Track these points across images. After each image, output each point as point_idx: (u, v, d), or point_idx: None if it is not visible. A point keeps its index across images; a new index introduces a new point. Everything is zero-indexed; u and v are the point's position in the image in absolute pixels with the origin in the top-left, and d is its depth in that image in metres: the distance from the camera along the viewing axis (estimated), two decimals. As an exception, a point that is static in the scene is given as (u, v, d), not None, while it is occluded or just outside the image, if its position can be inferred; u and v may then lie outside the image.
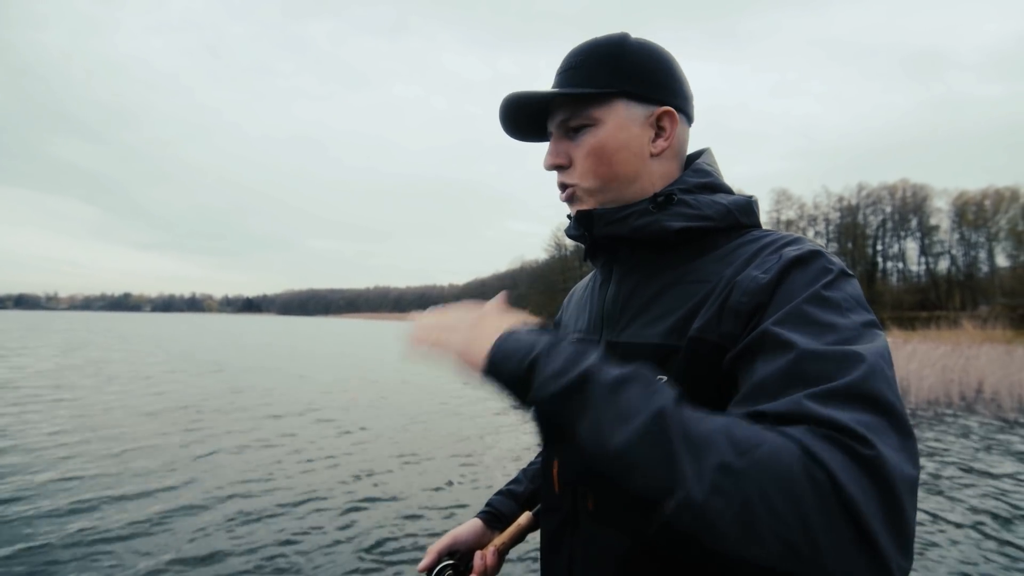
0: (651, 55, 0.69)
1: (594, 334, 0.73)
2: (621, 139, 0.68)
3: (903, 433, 0.43)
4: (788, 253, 0.57)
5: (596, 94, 0.67)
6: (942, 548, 3.75)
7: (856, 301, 0.53)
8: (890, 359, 0.49)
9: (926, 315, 32.51)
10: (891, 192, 57.26)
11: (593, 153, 0.68)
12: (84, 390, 10.09)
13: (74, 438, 6.36)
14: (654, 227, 0.66)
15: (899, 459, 0.41)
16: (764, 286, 0.55)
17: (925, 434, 7.57)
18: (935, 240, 55.02)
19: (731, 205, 0.67)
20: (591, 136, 0.68)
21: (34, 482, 4.75)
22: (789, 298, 0.53)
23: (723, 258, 0.63)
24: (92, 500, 4.34)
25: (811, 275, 0.54)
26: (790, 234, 0.63)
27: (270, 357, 19.53)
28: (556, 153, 0.71)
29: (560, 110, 0.70)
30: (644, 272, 0.69)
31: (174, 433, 6.81)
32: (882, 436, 0.41)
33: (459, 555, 0.87)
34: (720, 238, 0.66)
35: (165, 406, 8.63)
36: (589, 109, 0.68)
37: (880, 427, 0.42)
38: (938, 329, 23.10)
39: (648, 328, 0.65)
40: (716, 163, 0.74)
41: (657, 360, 0.61)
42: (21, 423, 7.10)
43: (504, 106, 0.72)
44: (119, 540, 3.63)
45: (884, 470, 0.40)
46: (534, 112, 0.73)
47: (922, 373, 11.25)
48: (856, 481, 0.39)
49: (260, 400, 9.51)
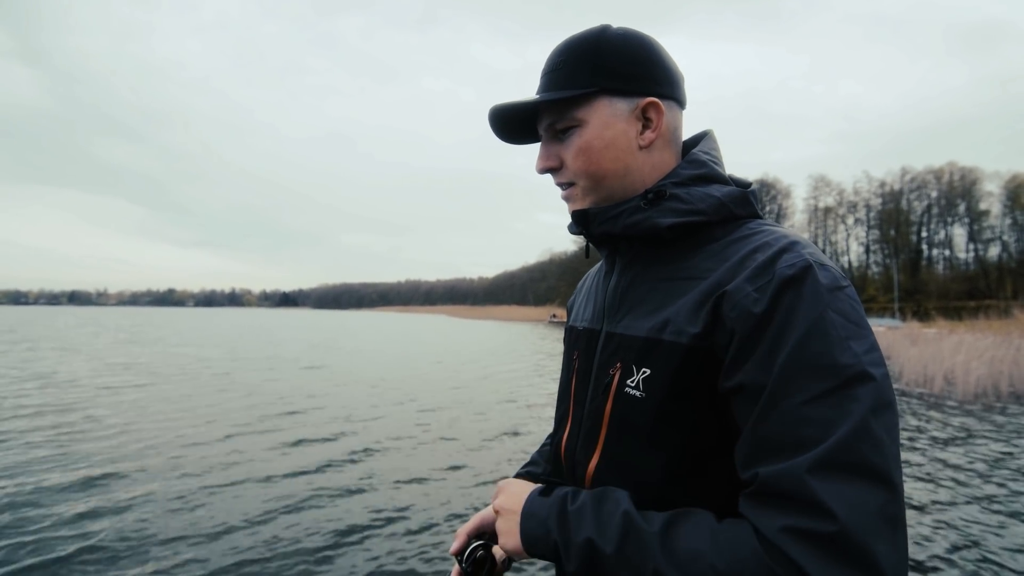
0: (630, 46, 0.68)
1: (597, 324, 0.76)
2: (607, 137, 0.68)
3: (884, 493, 0.48)
4: (782, 271, 0.56)
5: (578, 96, 0.67)
6: (996, 545, 3.62)
7: (854, 325, 0.54)
8: (885, 397, 0.52)
9: (974, 304, 31.08)
10: (937, 176, 54.78)
11: (581, 153, 0.69)
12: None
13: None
14: (645, 224, 0.66)
15: (870, 527, 0.47)
16: (757, 316, 0.55)
17: (972, 427, 7.28)
18: (985, 226, 52.44)
19: (725, 197, 0.66)
20: (577, 137, 0.69)
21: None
22: (783, 337, 0.54)
23: (717, 253, 0.63)
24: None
25: (805, 306, 0.54)
26: (785, 234, 0.62)
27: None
28: (546, 157, 0.73)
29: (546, 114, 0.71)
30: (642, 265, 0.71)
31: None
32: (855, 509, 0.47)
33: (488, 536, 0.89)
34: (716, 230, 0.66)
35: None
36: (572, 111, 0.69)
37: (856, 498, 0.47)
38: (987, 319, 22.06)
39: (640, 321, 0.67)
40: (717, 148, 0.73)
41: (642, 353, 0.64)
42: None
43: (491, 118, 0.73)
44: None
45: (846, 544, 0.46)
46: (524, 117, 0.74)
47: (969, 365, 10.75)
48: (821, 566, 0.46)
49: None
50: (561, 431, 0.79)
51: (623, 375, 0.66)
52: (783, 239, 0.60)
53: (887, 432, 0.50)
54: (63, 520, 3.86)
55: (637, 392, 0.63)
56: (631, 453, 0.64)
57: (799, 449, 0.50)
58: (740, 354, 0.56)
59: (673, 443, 0.61)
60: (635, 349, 0.65)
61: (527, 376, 12.81)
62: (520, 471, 1.01)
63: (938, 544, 3.64)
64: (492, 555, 0.87)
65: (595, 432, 0.69)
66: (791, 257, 0.57)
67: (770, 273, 0.57)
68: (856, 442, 0.49)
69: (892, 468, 0.49)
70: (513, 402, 9.23)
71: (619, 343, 0.68)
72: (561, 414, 0.82)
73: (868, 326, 0.56)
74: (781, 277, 0.56)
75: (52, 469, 5.03)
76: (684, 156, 0.74)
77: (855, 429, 0.49)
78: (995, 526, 3.97)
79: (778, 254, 0.58)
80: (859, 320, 0.55)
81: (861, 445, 0.49)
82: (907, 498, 4.48)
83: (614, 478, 0.65)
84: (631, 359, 0.65)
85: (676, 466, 0.60)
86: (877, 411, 0.50)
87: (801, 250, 0.58)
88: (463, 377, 12.40)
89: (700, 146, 0.72)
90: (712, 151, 0.72)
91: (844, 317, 0.54)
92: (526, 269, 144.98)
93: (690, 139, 0.78)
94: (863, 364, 0.52)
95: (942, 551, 3.54)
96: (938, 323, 22.36)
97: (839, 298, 0.55)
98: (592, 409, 0.70)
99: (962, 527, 3.93)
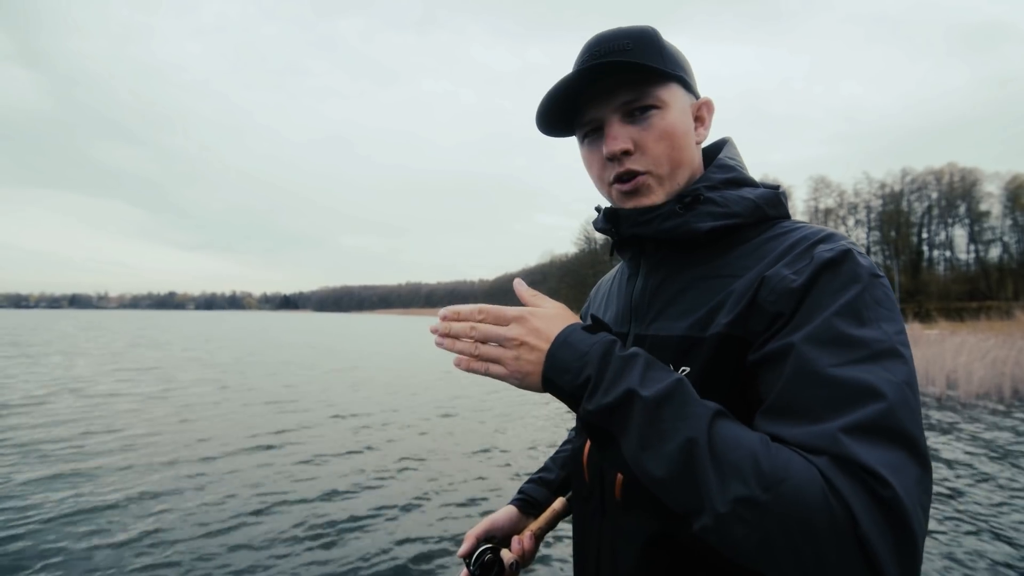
0: (677, 49, 0.70)
1: (623, 327, 0.74)
2: (687, 124, 0.67)
3: (921, 467, 0.45)
4: (820, 254, 0.56)
5: (663, 73, 0.65)
6: (994, 544, 3.62)
7: (887, 311, 0.53)
8: (915, 380, 0.50)
9: (975, 306, 31.00)
10: (937, 177, 54.65)
11: (666, 136, 0.66)
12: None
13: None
14: (683, 229, 0.65)
15: (914, 498, 0.44)
16: (795, 290, 0.54)
17: (974, 429, 7.26)
18: (986, 227, 52.30)
19: (758, 199, 0.66)
20: (660, 119, 0.65)
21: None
22: (819, 308, 0.53)
23: (752, 252, 0.62)
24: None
25: (841, 282, 0.54)
26: (821, 228, 0.61)
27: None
28: (621, 138, 0.66)
29: (620, 90, 0.66)
30: (672, 267, 0.69)
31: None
32: (901, 475, 0.44)
33: (496, 540, 0.90)
34: (749, 232, 0.65)
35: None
36: (656, 89, 0.65)
37: (900, 465, 0.44)
38: (989, 320, 22.01)
39: (675, 321, 0.65)
40: (739, 154, 0.74)
41: (681, 351, 0.62)
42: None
43: (557, 90, 0.66)
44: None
45: (900, 511, 0.43)
46: (566, 102, 0.68)
47: (971, 367, 10.71)
48: (873, 521, 0.42)
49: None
50: (583, 439, 0.78)
51: None
52: (820, 232, 0.60)
53: (918, 410, 0.49)
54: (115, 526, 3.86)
55: None
56: None
57: (831, 411, 0.47)
58: (772, 326, 0.55)
59: None
60: (672, 348, 0.63)
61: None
62: (533, 477, 1.00)
63: (939, 544, 3.64)
64: (501, 559, 0.87)
65: None
66: (830, 244, 0.57)
67: (808, 257, 0.57)
68: (895, 409, 0.46)
69: (925, 445, 0.47)
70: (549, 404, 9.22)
71: (652, 344, 0.66)
72: None
73: (900, 315, 0.55)
74: (820, 260, 0.55)
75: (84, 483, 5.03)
76: (707, 162, 0.74)
77: (893, 397, 0.47)
78: (997, 526, 3.96)
79: (816, 243, 0.58)
80: (892, 307, 0.54)
81: (900, 413, 0.46)
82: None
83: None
84: (668, 359, 0.63)
85: None
86: (911, 385, 0.49)
87: (840, 240, 0.58)
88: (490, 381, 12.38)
89: (724, 152, 0.73)
90: (736, 157, 0.72)
91: (878, 302, 0.53)
92: (526, 271, 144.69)
93: (711, 146, 0.78)
94: (894, 343, 0.51)
95: (943, 551, 3.54)
96: (940, 324, 22.27)
97: (876, 284, 0.55)
98: None
99: (962, 528, 3.93)
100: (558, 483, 0.98)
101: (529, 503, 0.95)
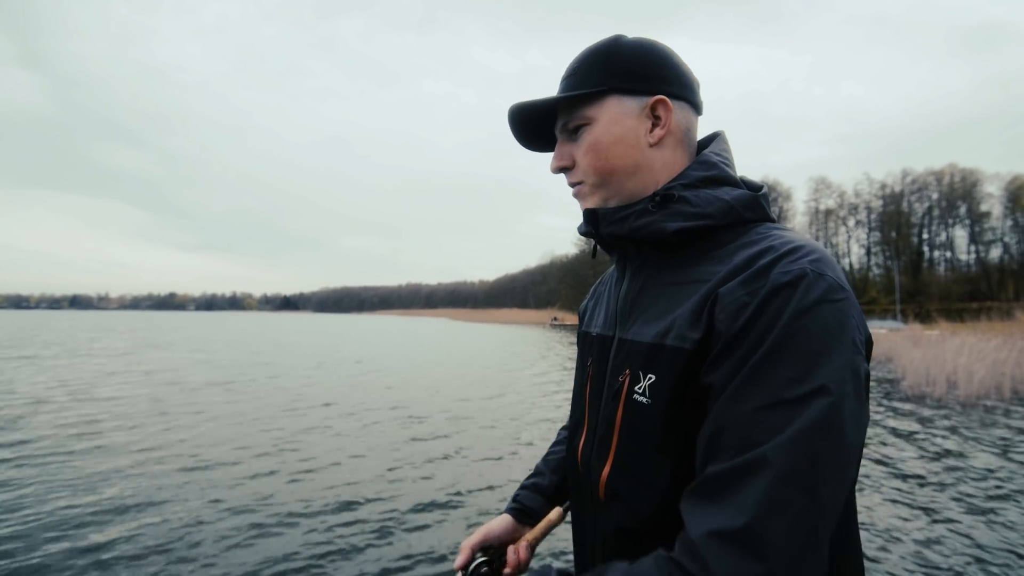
0: (641, 50, 0.70)
1: (610, 330, 0.76)
2: (616, 133, 0.69)
3: (806, 514, 0.49)
4: (775, 277, 0.56)
5: (588, 94, 0.69)
6: (994, 544, 3.61)
7: (831, 339, 0.53)
8: (840, 415, 0.51)
9: (976, 306, 30.99)
10: (938, 178, 54.70)
11: (591, 150, 0.70)
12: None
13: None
14: (651, 228, 0.66)
15: (782, 552, 0.48)
16: (742, 321, 0.55)
17: (974, 429, 7.25)
18: (986, 227, 52.33)
19: (734, 201, 0.65)
20: (587, 134, 0.71)
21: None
22: (758, 345, 0.54)
23: (723, 258, 0.62)
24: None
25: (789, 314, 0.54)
26: (791, 239, 0.60)
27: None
28: (560, 156, 0.74)
29: (561, 114, 0.73)
30: (652, 270, 0.71)
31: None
32: (774, 533, 0.48)
33: (492, 550, 0.89)
34: (725, 235, 0.65)
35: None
36: (583, 109, 0.71)
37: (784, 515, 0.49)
38: (989, 321, 22.00)
39: (647, 327, 0.67)
40: (728, 149, 0.73)
41: (648, 359, 0.64)
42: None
43: (510, 117, 0.76)
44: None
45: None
46: (542, 120, 0.76)
47: (972, 367, 10.70)
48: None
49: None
50: (577, 437, 0.80)
51: (631, 382, 0.66)
52: (788, 244, 0.59)
53: (832, 447, 0.50)
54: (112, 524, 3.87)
55: (644, 399, 0.64)
56: (641, 459, 0.64)
57: (743, 451, 0.52)
58: (719, 356, 0.56)
59: (679, 449, 0.60)
60: (641, 355, 0.65)
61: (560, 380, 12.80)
62: (525, 483, 1.00)
63: (938, 545, 3.63)
64: (496, 570, 0.86)
65: (608, 439, 0.69)
66: (788, 263, 0.56)
67: (764, 278, 0.56)
68: (791, 451, 0.50)
69: (821, 484, 0.50)
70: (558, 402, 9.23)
71: (629, 350, 0.69)
72: (576, 420, 0.82)
73: (852, 340, 0.54)
74: (774, 283, 0.55)
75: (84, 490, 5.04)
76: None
77: (794, 439, 0.50)
78: (996, 527, 3.95)
79: (777, 259, 0.57)
80: (839, 334, 0.54)
81: (795, 455, 0.50)
82: (907, 499, 4.50)
83: (626, 484, 0.66)
84: (638, 365, 0.65)
85: (683, 472, 0.60)
86: (825, 425, 0.50)
87: (803, 256, 0.57)
88: (503, 380, 12.40)
89: (711, 147, 0.72)
90: (723, 152, 0.72)
91: (824, 330, 0.53)
92: (527, 272, 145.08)
93: (701, 140, 0.77)
94: (824, 379, 0.51)
95: (942, 552, 3.53)
96: (940, 325, 22.29)
97: (824, 311, 0.54)
98: (604, 416, 0.71)
99: (963, 527, 3.92)
100: (551, 489, 0.98)
101: (524, 512, 0.95)
